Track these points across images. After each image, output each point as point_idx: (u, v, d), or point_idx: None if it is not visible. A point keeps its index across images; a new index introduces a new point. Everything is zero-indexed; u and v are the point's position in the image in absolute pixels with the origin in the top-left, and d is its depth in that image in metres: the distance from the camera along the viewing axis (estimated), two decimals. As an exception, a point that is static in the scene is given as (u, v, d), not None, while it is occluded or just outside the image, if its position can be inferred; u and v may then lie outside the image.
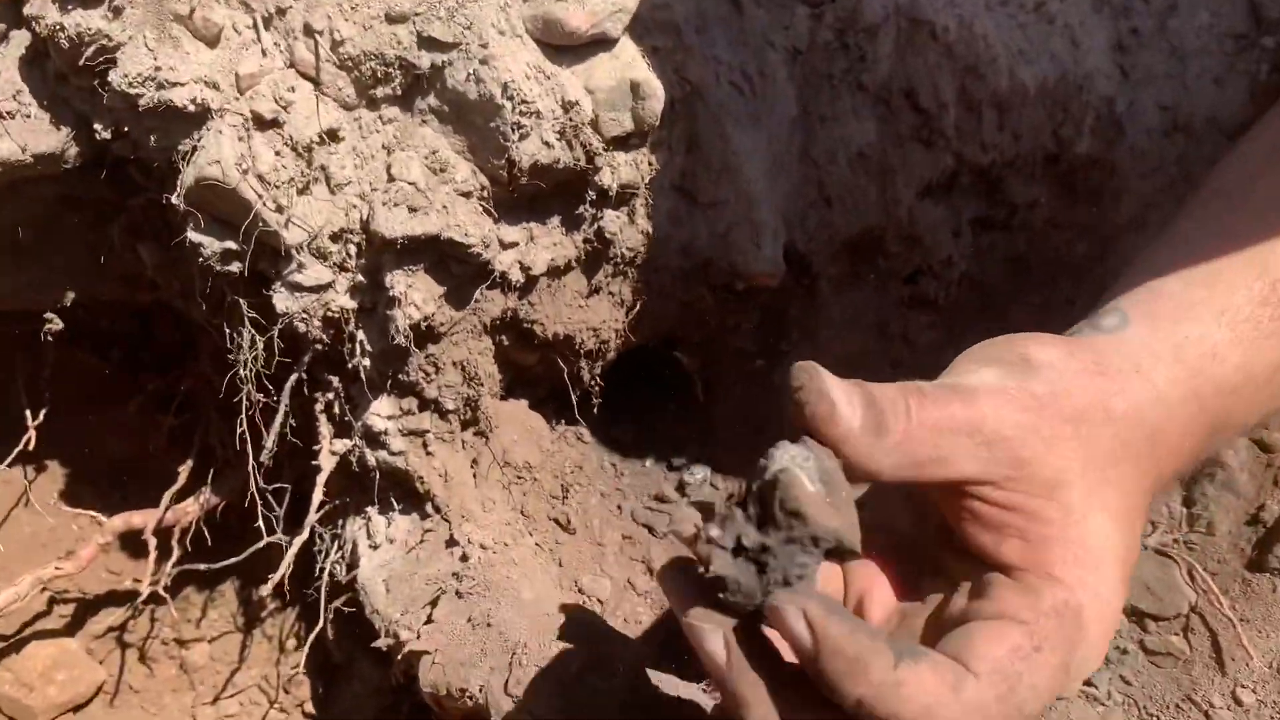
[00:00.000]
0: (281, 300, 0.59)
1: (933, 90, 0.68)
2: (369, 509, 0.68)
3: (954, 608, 0.38)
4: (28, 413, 0.75)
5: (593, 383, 0.70)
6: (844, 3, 0.65)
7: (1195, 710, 0.68)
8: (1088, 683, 0.71)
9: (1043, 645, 0.34)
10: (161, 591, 0.71)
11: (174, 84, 0.52)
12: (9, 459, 0.74)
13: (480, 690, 0.57)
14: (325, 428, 0.65)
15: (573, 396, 0.69)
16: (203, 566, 0.70)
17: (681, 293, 0.69)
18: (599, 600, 0.68)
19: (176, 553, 0.71)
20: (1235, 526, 0.71)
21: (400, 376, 0.63)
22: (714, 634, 0.34)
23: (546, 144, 0.55)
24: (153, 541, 0.69)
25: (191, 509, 0.73)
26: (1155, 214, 0.76)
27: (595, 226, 0.62)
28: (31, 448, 0.74)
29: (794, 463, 0.33)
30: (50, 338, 0.70)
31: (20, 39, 0.56)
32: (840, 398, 0.35)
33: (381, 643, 0.63)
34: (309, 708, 0.79)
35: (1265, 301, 0.44)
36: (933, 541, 0.40)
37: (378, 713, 0.73)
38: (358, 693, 0.75)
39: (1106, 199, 0.75)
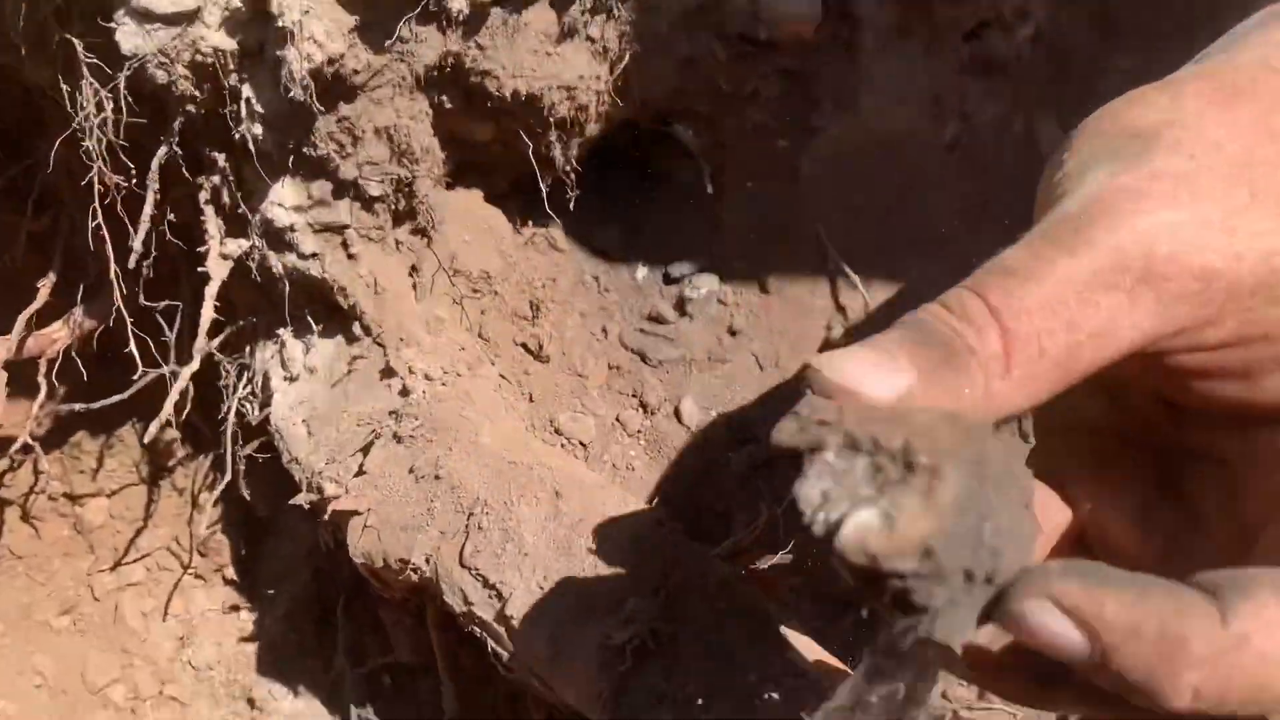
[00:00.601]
0: (127, 37, 0.42)
1: None
2: (281, 331, 0.53)
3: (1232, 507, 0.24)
4: None
5: (568, 168, 0.54)
6: None
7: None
8: None
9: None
10: (29, 440, 0.56)
11: None
12: None
13: (427, 561, 0.43)
14: (213, 224, 0.50)
15: (542, 187, 0.53)
16: (79, 406, 0.55)
17: (685, 43, 0.52)
18: (581, 443, 0.55)
19: (44, 389, 0.56)
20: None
21: (305, 150, 0.46)
22: None
23: None
24: (3, 377, 0.54)
25: (60, 334, 0.57)
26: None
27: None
28: None
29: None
30: None
31: None
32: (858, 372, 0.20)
33: (303, 499, 0.49)
34: (229, 573, 0.66)
35: None
36: (1143, 429, 0.26)
37: (313, 575, 0.61)
38: (288, 554, 0.62)
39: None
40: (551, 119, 0.50)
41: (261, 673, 0.68)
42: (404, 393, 0.49)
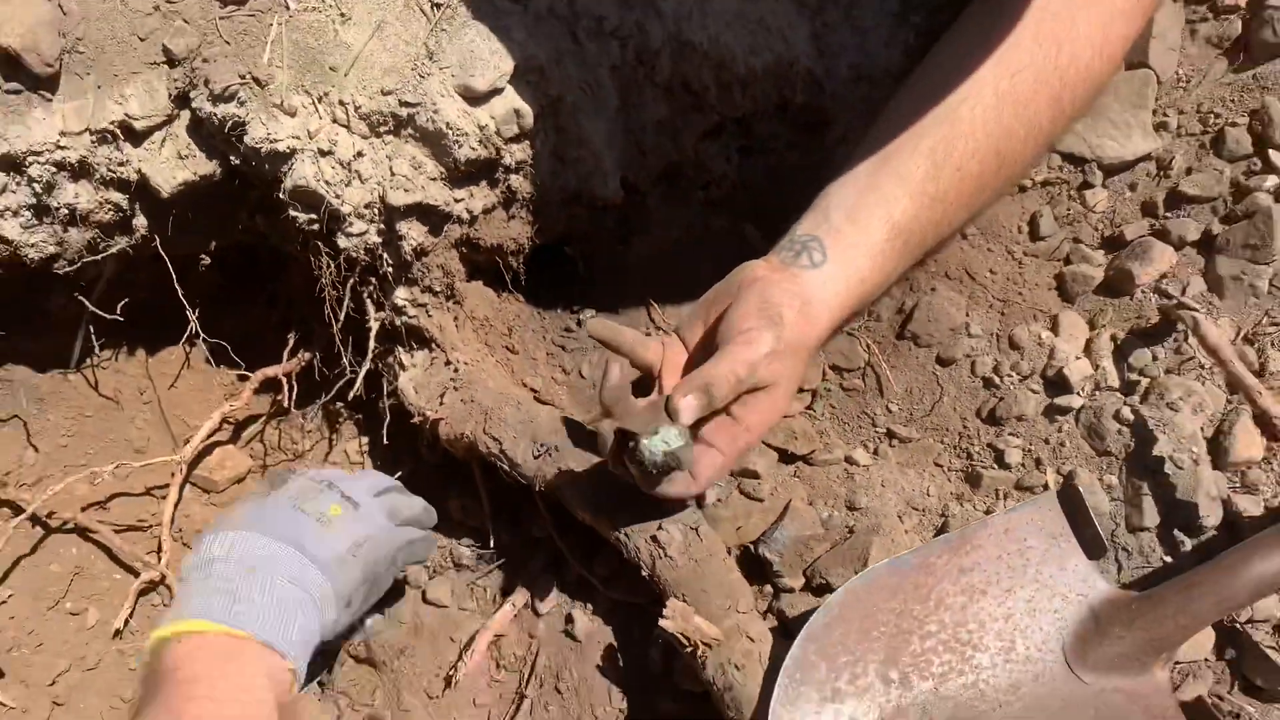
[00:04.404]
0: (343, 241, 1.10)
1: (698, 79, 1.16)
2: (399, 350, 1.21)
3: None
4: (189, 310, 1.25)
5: (519, 269, 1.21)
6: (638, 37, 1.12)
7: (867, 418, 1.23)
8: (809, 407, 1.25)
9: (729, 461, 0.87)
10: (288, 405, 1.25)
11: (276, 139, 1.01)
12: (181, 340, 1.25)
13: (469, 432, 1.11)
14: (370, 307, 1.17)
15: (507, 277, 1.21)
16: (321, 399, 1.23)
17: (564, 213, 1.19)
18: (533, 389, 1.22)
19: (286, 388, 1.24)
20: (890, 314, 1.23)
21: (409, 275, 1.14)
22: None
23: (472, 149, 1.05)
24: (286, 381, 1.22)
25: (295, 364, 1.25)
26: (854, 132, 1.25)
27: (506, 184, 1.12)
28: (193, 333, 1.25)
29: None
30: (202, 267, 1.21)
31: (185, 116, 1.05)
32: (686, 411, 0.80)
33: (417, 418, 1.17)
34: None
35: (890, 238, 0.94)
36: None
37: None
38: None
39: (820, 128, 1.24)
40: (508, 251, 1.18)
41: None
42: (455, 370, 1.17)
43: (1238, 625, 1.01)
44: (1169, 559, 1.04)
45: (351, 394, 1.19)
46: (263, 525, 0.90)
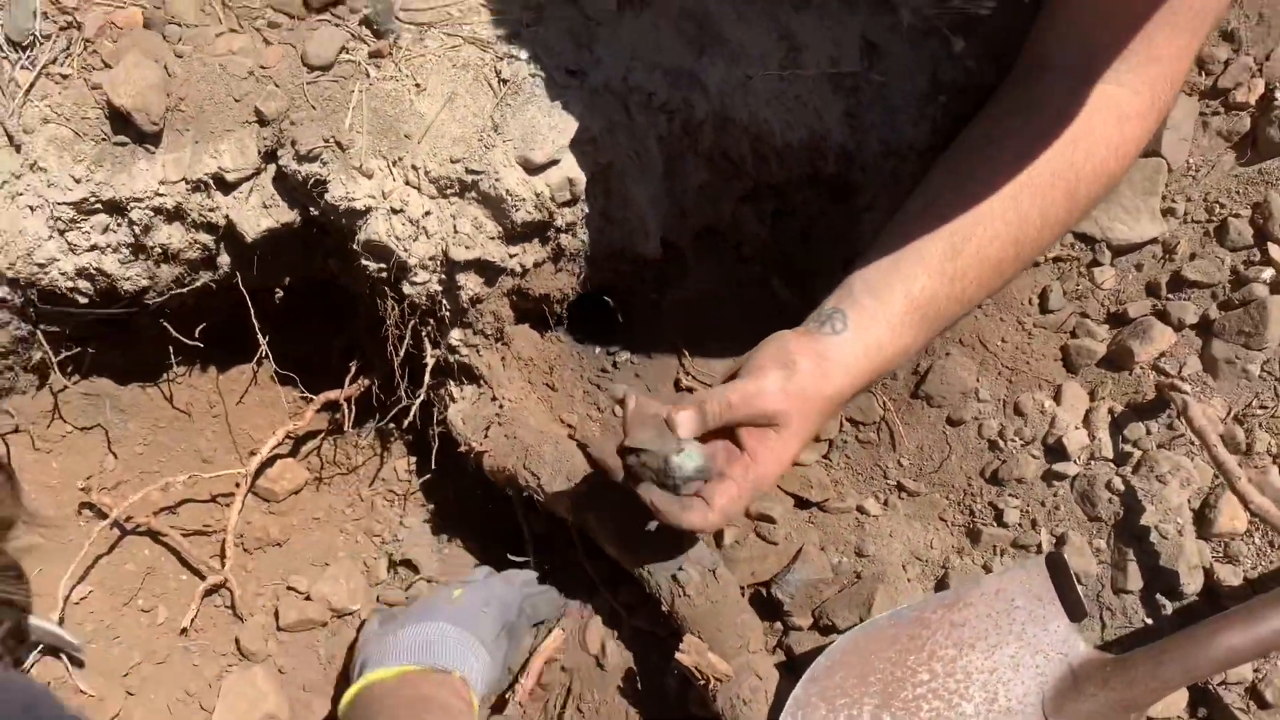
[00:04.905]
0: (407, 288, 1.20)
1: (737, 150, 1.25)
2: (450, 383, 1.32)
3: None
4: (260, 337, 1.35)
5: (562, 314, 1.31)
6: (685, 111, 1.22)
7: (879, 470, 1.32)
8: (826, 456, 1.34)
9: (743, 495, 0.96)
10: (347, 428, 1.36)
11: (354, 198, 1.11)
12: (251, 360, 1.36)
13: (510, 466, 1.22)
14: (428, 345, 1.28)
15: (551, 321, 1.31)
16: (374, 422, 1.34)
17: (608, 267, 1.29)
18: (570, 425, 1.33)
19: (346, 410, 1.36)
20: (906, 375, 1.33)
21: (464, 319, 1.25)
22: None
23: (528, 212, 1.15)
24: (346, 404, 1.33)
25: (355, 389, 1.37)
26: (881, 200, 1.33)
27: (557, 241, 1.22)
28: (262, 356, 1.35)
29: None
30: (278, 301, 1.32)
31: (271, 170, 1.16)
32: (684, 425, 0.93)
33: (463, 448, 1.28)
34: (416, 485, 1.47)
35: (908, 312, 1.04)
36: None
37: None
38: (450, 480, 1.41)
39: (850, 195, 1.33)
40: (554, 299, 1.28)
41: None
42: (500, 406, 1.28)
43: (1210, 687, 1.10)
44: (1150, 621, 1.13)
45: (406, 421, 1.30)
46: (406, 623, 1.12)
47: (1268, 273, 1.18)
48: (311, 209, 1.15)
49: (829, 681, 0.97)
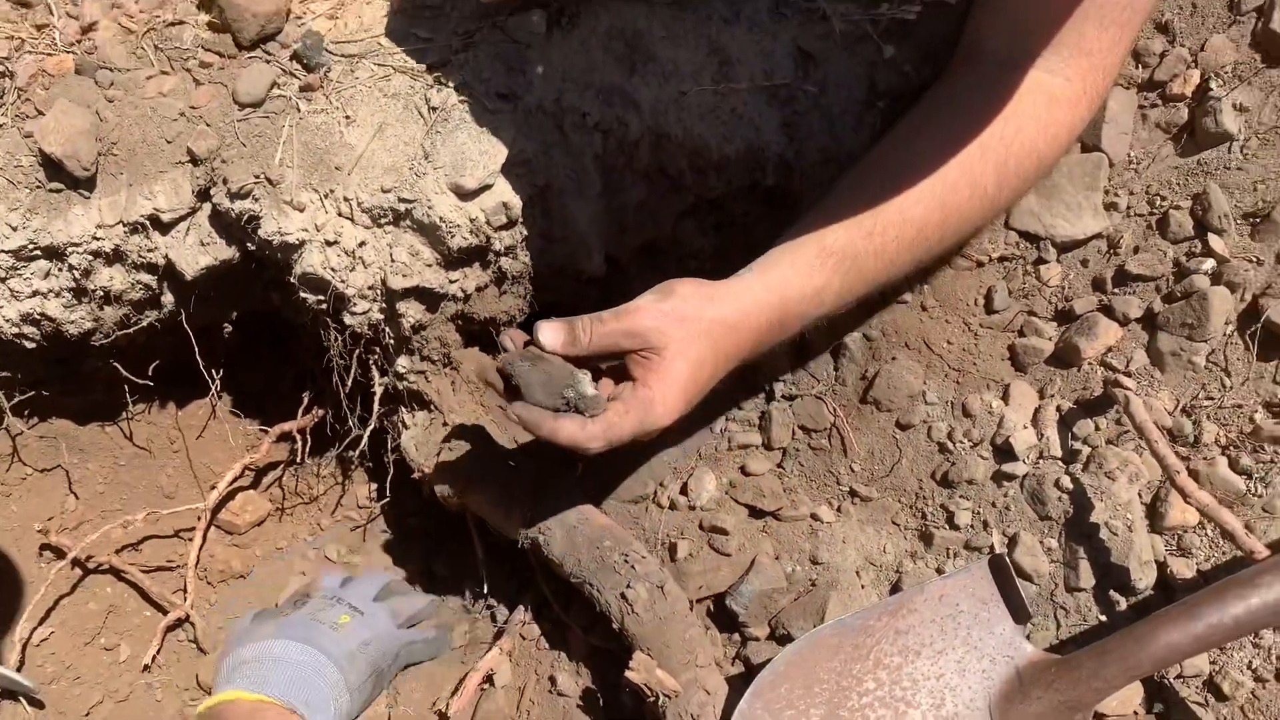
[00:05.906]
0: (348, 318, 1.21)
1: (675, 166, 1.25)
2: (402, 409, 1.32)
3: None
4: (209, 374, 1.36)
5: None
6: (619, 130, 1.22)
7: (832, 477, 1.32)
8: (780, 464, 1.34)
9: (630, 411, 0.93)
10: (303, 459, 1.36)
11: (287, 233, 1.12)
12: (208, 395, 1.38)
13: (460, 490, 1.22)
14: (375, 373, 1.29)
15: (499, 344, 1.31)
16: (334, 450, 1.35)
17: (552, 286, 1.29)
18: (516, 441, 1.33)
19: (299, 441, 1.36)
20: (855, 380, 1.33)
21: (409, 346, 1.25)
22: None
23: (464, 238, 1.15)
24: (300, 435, 1.34)
25: (309, 419, 1.37)
26: (825, 207, 1.34)
27: (498, 265, 1.22)
28: (214, 392, 1.37)
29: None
30: (225, 333, 1.33)
31: (208, 208, 1.16)
32: (546, 331, 0.92)
33: (416, 473, 1.28)
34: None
35: (820, 255, 1.03)
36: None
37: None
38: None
39: (793, 204, 1.33)
40: (500, 322, 1.28)
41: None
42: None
43: (1166, 681, 1.10)
44: (1104, 618, 1.12)
45: (357, 451, 1.31)
46: (283, 633, 1.07)
47: (1208, 264, 1.18)
48: (249, 244, 1.16)
49: (773, 694, 0.97)
